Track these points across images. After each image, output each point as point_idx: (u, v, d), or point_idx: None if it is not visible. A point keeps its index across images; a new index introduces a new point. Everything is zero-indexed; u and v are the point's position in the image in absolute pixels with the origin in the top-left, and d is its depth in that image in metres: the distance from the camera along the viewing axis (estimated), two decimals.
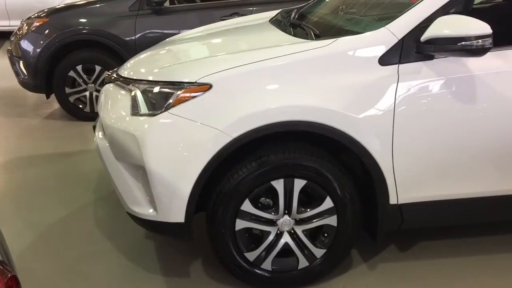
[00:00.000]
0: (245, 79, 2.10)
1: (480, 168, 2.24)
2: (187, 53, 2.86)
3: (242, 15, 4.40)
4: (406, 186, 2.20)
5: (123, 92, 2.42)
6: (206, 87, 2.09)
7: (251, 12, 4.57)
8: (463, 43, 1.96)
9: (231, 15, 4.51)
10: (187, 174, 2.08)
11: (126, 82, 2.42)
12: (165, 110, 2.12)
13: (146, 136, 2.11)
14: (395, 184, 2.18)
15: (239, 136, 2.04)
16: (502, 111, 2.13)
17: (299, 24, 2.72)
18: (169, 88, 2.17)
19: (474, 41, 1.95)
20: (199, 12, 4.82)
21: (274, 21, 3.02)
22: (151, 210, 2.21)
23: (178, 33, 3.79)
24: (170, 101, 2.13)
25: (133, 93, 2.29)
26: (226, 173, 2.16)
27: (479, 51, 1.97)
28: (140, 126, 2.15)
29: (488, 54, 2.05)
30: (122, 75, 2.52)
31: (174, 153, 2.07)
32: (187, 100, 2.10)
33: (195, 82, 2.11)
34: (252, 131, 2.05)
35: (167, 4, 4.84)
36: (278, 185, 2.16)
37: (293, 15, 3.02)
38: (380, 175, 2.14)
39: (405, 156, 2.14)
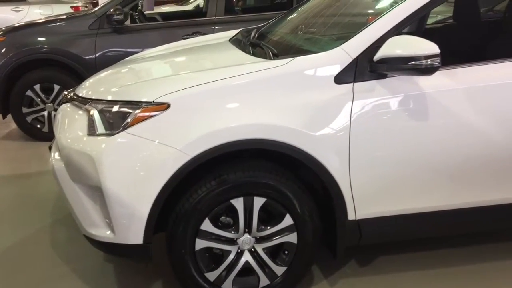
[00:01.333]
0: (203, 98, 2.10)
1: (434, 182, 2.31)
2: (146, 72, 2.85)
3: (204, 34, 4.43)
4: (363, 202, 2.24)
5: (80, 112, 2.39)
6: (164, 106, 2.09)
7: (213, 31, 4.61)
8: (413, 62, 2.03)
9: (193, 34, 4.54)
10: (145, 194, 2.05)
11: (83, 102, 2.39)
12: (122, 130, 2.10)
13: (102, 156, 2.08)
14: (353, 200, 2.21)
15: (198, 155, 2.04)
16: (452, 128, 2.21)
17: (258, 43, 2.76)
18: (126, 108, 2.16)
19: (424, 61, 2.03)
20: (161, 31, 4.82)
21: (234, 41, 3.05)
22: (108, 232, 2.17)
23: (139, 51, 3.78)
24: (128, 120, 2.11)
25: (90, 113, 2.25)
26: (185, 192, 2.14)
27: (429, 70, 2.05)
28: (97, 146, 2.12)
29: (438, 73, 2.13)
30: (80, 94, 2.49)
31: (132, 173, 2.05)
32: (145, 119, 2.09)
33: (153, 101, 2.11)
34: (211, 150, 2.05)
35: (128, 23, 4.82)
36: (238, 203, 2.16)
37: (252, 34, 3.06)
38: (338, 191, 2.18)
39: (362, 172, 2.18)
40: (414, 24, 3.53)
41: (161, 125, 2.07)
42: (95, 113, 2.23)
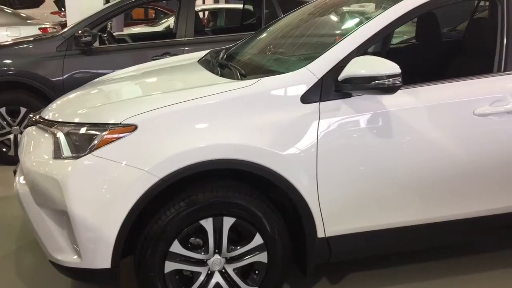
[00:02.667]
0: (171, 119, 2.11)
1: (401, 198, 2.35)
2: (114, 93, 2.84)
3: (174, 55, 4.44)
4: (332, 219, 2.26)
5: (46, 135, 2.35)
6: (131, 128, 2.08)
7: (183, 52, 4.63)
8: (376, 82, 2.09)
9: (163, 55, 4.54)
10: (112, 217, 2.03)
11: (49, 125, 2.35)
12: (89, 153, 2.08)
13: (68, 180, 2.05)
14: (322, 217, 2.23)
15: (166, 176, 2.04)
16: (415, 144, 2.27)
17: (226, 64, 2.79)
18: (93, 130, 2.14)
19: (386, 80, 2.09)
20: (130, 52, 4.81)
21: (203, 62, 3.07)
22: (75, 257, 2.12)
23: (108, 73, 3.76)
24: (95, 142, 2.09)
25: (56, 136, 2.22)
26: (154, 214, 2.13)
27: (391, 89, 2.11)
28: (63, 169, 2.09)
29: (401, 92, 2.20)
30: (45, 117, 2.45)
31: (99, 197, 2.02)
32: (112, 141, 2.07)
33: (120, 123, 2.10)
34: (179, 171, 2.05)
35: (97, 44, 4.80)
36: (207, 224, 2.16)
37: (221, 55, 3.09)
38: (307, 209, 2.20)
39: (330, 190, 2.21)
40: (379, 44, 3.63)
41: (129, 147, 2.06)
42: (61, 136, 2.20)
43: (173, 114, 2.12)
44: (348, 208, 2.28)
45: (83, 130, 2.17)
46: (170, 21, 8.54)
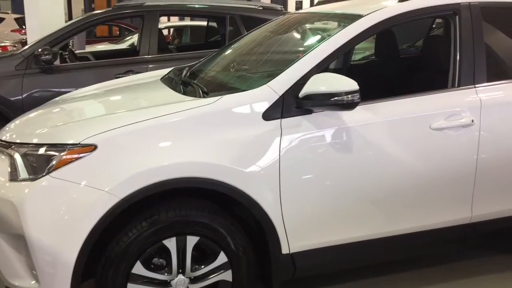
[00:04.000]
0: (131, 138, 2.09)
1: (364, 212, 2.39)
2: (74, 112, 2.78)
3: (137, 72, 4.41)
4: (296, 235, 2.27)
5: (2, 156, 2.28)
6: (91, 148, 2.05)
7: (146, 70, 4.60)
8: (335, 98, 2.14)
9: (125, 73, 4.50)
10: (71, 240, 1.98)
11: (5, 146, 2.29)
12: (46, 174, 2.03)
13: (25, 203, 1.99)
14: (286, 233, 2.24)
15: (127, 196, 2.01)
16: (374, 159, 2.32)
17: (189, 82, 2.79)
18: (51, 151, 2.09)
19: (345, 96, 2.13)
20: (92, 70, 4.74)
21: (165, 79, 3.06)
22: (33, 282, 2.06)
23: (70, 91, 3.69)
24: (53, 163, 2.05)
25: (13, 157, 2.16)
26: (115, 235, 2.09)
27: (350, 105, 2.16)
28: (19, 192, 2.03)
29: (360, 108, 2.24)
30: (2, 138, 2.38)
31: (57, 219, 1.98)
32: (70, 162, 2.03)
33: (79, 143, 2.06)
34: (140, 190, 2.02)
35: (58, 62, 4.71)
36: (170, 244, 2.13)
37: (184, 73, 3.09)
38: (271, 225, 2.20)
39: (293, 206, 2.23)
40: (341, 61, 3.71)
41: (88, 167, 2.02)
42: (17, 157, 2.15)
43: (134, 133, 2.10)
44: (312, 223, 2.30)
45: (41, 151, 2.12)
46: (135, 39, 8.48)
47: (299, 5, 17.01)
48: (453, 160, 2.44)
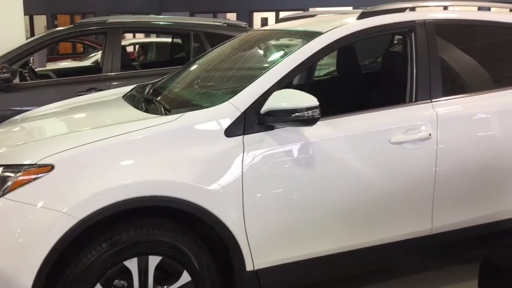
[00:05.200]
0: (90, 157, 2.05)
1: (327, 226, 2.40)
2: (33, 131, 2.72)
3: (100, 90, 4.34)
4: (260, 251, 2.26)
5: None
6: (47, 168, 2.00)
7: (110, 87, 4.53)
8: (296, 114, 2.16)
9: (88, 91, 4.42)
10: (28, 263, 1.91)
11: None
12: (1, 196, 1.96)
13: None
14: (250, 250, 2.23)
15: (86, 217, 1.96)
16: (337, 173, 2.35)
17: (151, 99, 2.76)
18: (7, 172, 2.03)
19: (305, 112, 2.16)
20: (54, 88, 4.64)
21: (128, 97, 3.02)
22: None
23: (30, 110, 3.59)
24: (8, 184, 1.98)
25: None
26: (74, 257, 2.03)
27: (310, 121, 2.18)
28: None
29: (321, 123, 2.27)
30: None
31: (11, 243, 1.91)
32: (26, 183, 1.97)
33: (35, 163, 2.01)
34: (100, 211, 1.98)
35: (17, 80, 4.59)
36: (132, 264, 2.08)
37: (147, 90, 3.06)
38: (234, 242, 2.19)
39: (257, 222, 2.22)
40: (303, 77, 3.76)
41: (44, 188, 1.97)
42: None
43: (93, 152, 2.06)
44: (276, 239, 2.30)
45: None
46: (99, 55, 8.38)
47: (264, 22, 17.22)
48: (413, 173, 2.49)
